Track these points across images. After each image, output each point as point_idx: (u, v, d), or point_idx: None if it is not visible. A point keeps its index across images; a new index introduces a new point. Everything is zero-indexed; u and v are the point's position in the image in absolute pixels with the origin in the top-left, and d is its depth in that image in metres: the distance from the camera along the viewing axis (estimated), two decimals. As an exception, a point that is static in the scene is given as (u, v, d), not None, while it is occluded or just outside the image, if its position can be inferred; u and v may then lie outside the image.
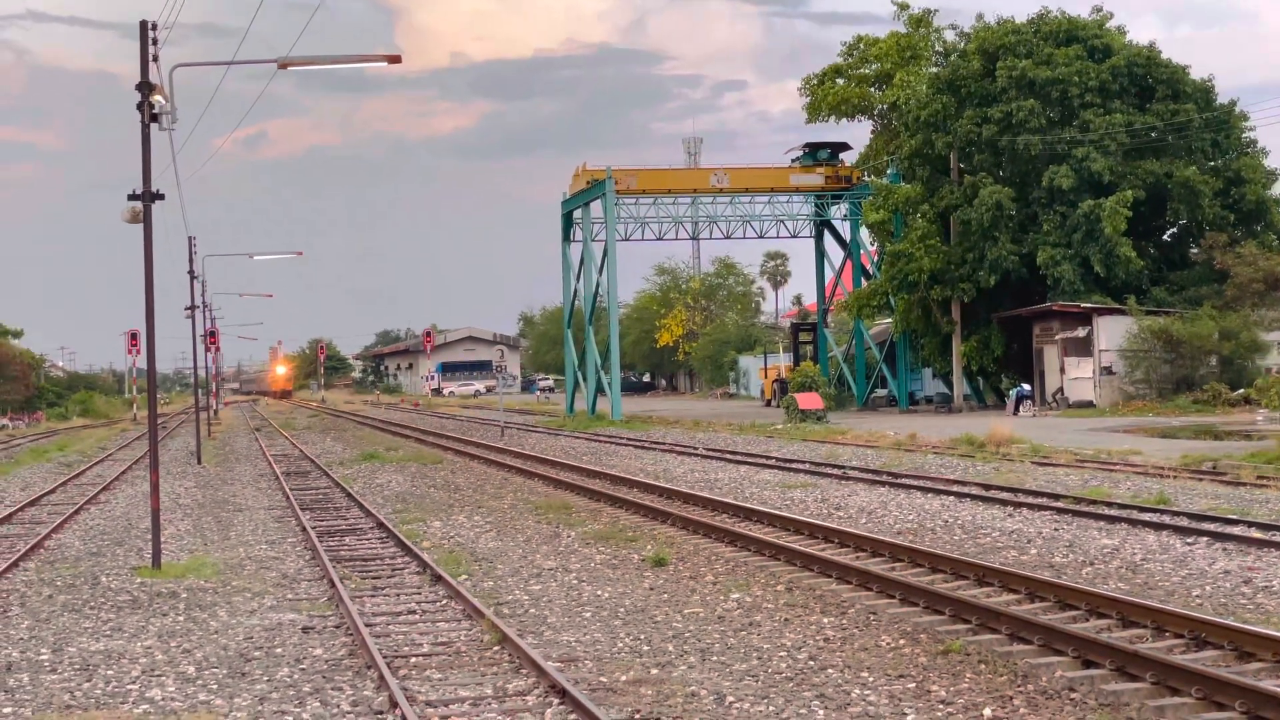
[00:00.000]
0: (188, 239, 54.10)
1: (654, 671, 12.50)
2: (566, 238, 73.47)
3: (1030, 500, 23.67)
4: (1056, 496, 23.88)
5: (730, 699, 11.39)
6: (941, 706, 10.92)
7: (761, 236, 73.32)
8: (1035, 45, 57.97)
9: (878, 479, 29.13)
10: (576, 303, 73.56)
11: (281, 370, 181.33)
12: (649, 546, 20.39)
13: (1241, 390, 50.47)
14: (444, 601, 16.37)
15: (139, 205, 21.04)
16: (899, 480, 28.56)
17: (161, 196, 21.08)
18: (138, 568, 20.00)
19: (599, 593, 16.74)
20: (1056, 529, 20.41)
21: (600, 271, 67.39)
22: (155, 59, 20.43)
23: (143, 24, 20.43)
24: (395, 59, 21.81)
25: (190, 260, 52.82)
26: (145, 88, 20.11)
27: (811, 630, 14.02)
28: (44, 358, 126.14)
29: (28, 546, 22.31)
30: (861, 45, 69.15)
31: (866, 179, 68.23)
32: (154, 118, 20.34)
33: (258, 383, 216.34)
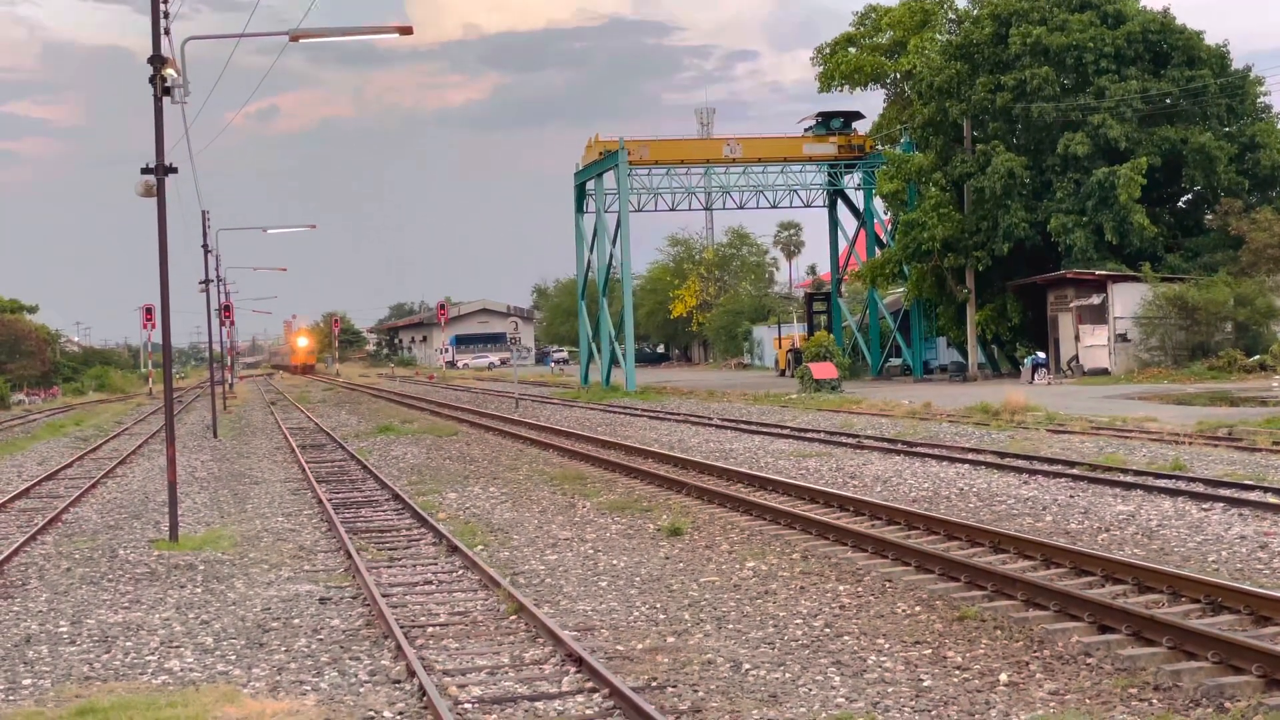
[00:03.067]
0: (201, 213, 54.19)
1: (670, 640, 12.54)
2: (579, 209, 73.36)
3: (1045, 467, 23.66)
4: (1071, 464, 23.84)
5: (747, 666, 11.41)
6: (957, 672, 10.94)
7: (775, 206, 73.20)
8: (1049, 11, 57.60)
9: (892, 448, 29.12)
10: (590, 274, 73.45)
11: (303, 342, 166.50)
12: (664, 516, 20.41)
13: (1257, 356, 50.35)
14: (460, 572, 16.43)
15: (152, 179, 21.06)
16: (914, 449, 28.55)
17: (175, 170, 21.10)
18: (155, 540, 20.08)
19: (615, 562, 16.77)
20: (1072, 496, 20.40)
21: (614, 243, 67.30)
22: (167, 32, 20.42)
23: (154, -3, 20.40)
24: (407, 30, 21.79)
25: (204, 234, 52.85)
26: (157, 61, 20.11)
27: (827, 598, 14.04)
28: (59, 333, 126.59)
29: (45, 520, 22.43)
30: (874, 14, 68.91)
31: (880, 148, 68.02)
32: (166, 91, 20.35)
33: (277, 356, 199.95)
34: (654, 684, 10.95)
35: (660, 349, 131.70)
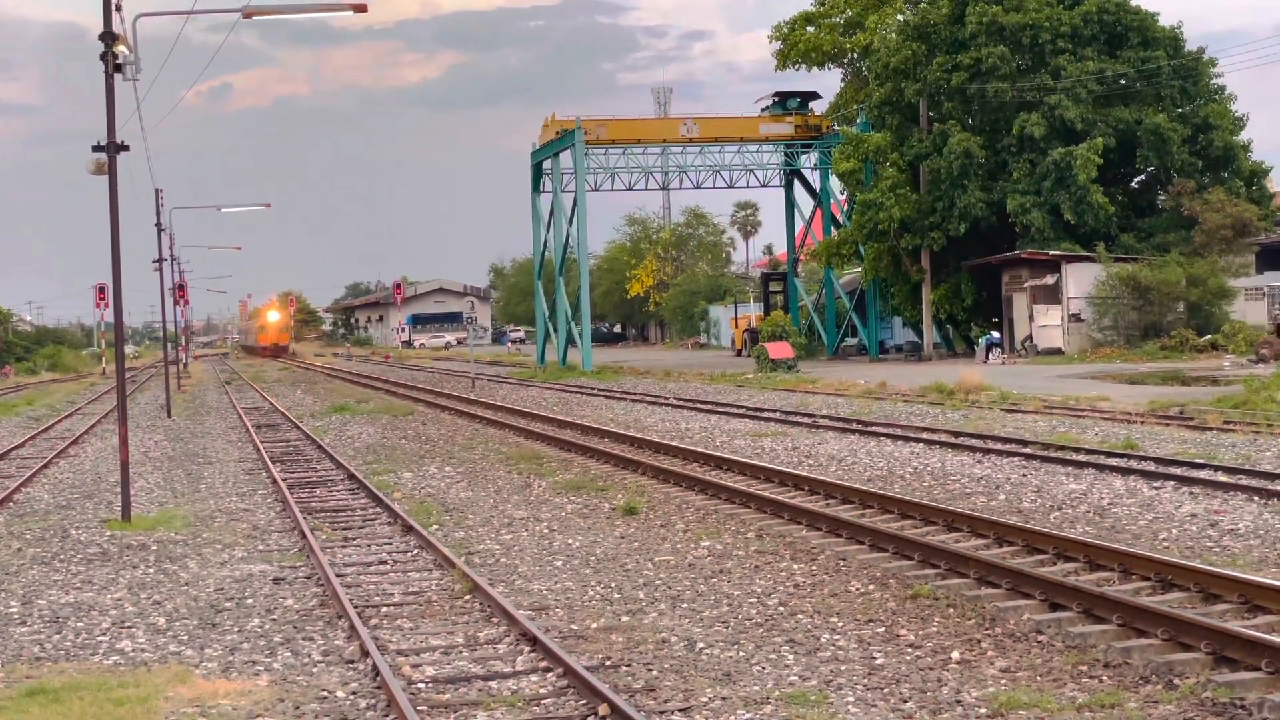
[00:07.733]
0: (155, 191, 53.72)
1: (625, 619, 12.55)
2: (536, 189, 73.21)
3: (999, 446, 23.77)
4: (1025, 442, 23.98)
5: (701, 645, 11.44)
6: (910, 650, 10.99)
7: (731, 186, 73.24)
8: (1005, -10, 57.72)
9: (848, 427, 29.21)
10: (547, 254, 73.36)
11: (274, 317, 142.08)
12: (620, 495, 20.43)
13: (1208, 336, 50.76)
14: (415, 552, 16.39)
15: (104, 157, 20.88)
16: (869, 428, 28.63)
17: (126, 148, 20.92)
18: (107, 520, 19.94)
19: (570, 542, 16.77)
20: (1025, 474, 20.52)
21: (570, 222, 67.20)
22: (119, 8, 20.22)
23: (105, -28, 20.18)
24: (361, 8, 21.63)
25: (157, 213, 52.44)
26: (109, 38, 19.91)
27: (782, 576, 14.08)
28: (11, 312, 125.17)
29: (-4, 501, 22.24)
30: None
31: (836, 128, 68.11)
32: (118, 68, 20.16)
33: (249, 335, 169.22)
34: (608, 663, 10.96)
35: (617, 329, 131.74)
